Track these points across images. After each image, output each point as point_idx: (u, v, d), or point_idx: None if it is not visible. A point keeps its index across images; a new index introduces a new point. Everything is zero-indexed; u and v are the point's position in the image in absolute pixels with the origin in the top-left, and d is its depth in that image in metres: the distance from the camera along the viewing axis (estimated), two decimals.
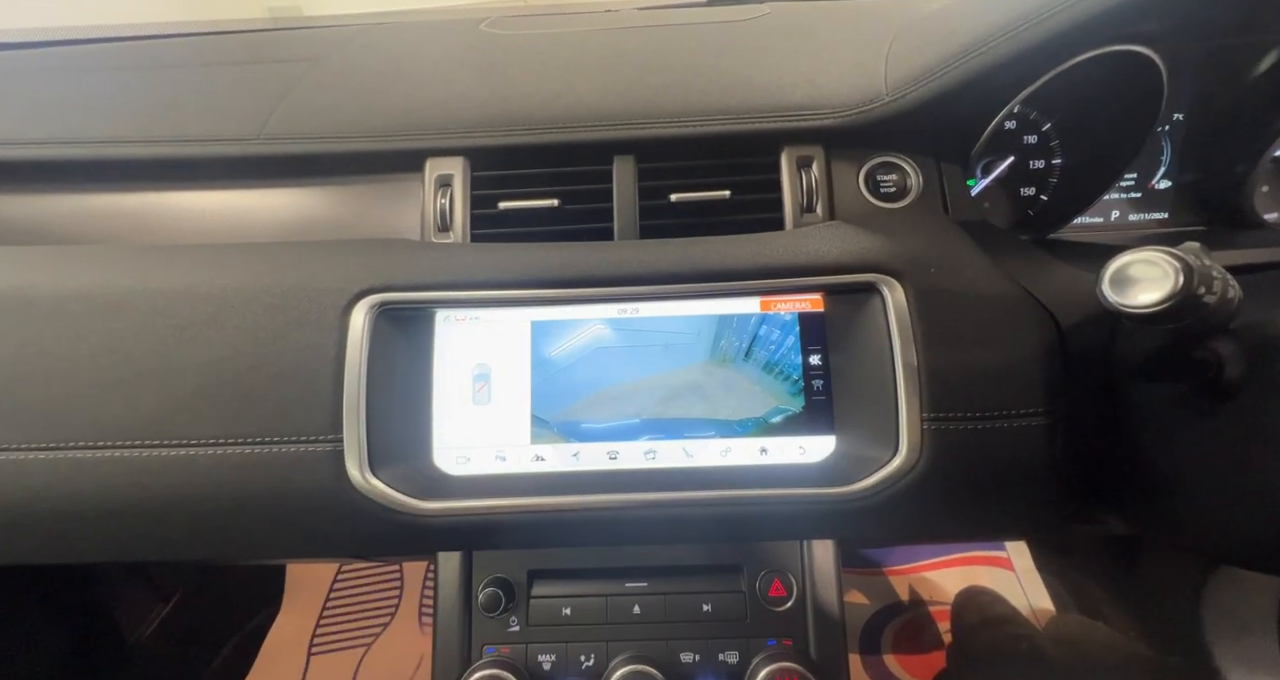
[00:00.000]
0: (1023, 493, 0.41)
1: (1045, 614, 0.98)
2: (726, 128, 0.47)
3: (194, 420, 0.41)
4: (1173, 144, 0.54)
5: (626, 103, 0.48)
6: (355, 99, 0.52)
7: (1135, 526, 0.45)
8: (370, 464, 0.40)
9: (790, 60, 0.51)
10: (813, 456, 0.42)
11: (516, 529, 0.43)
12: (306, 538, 0.43)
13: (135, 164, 0.50)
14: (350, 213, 0.50)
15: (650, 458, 0.43)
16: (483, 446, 0.43)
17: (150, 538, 0.43)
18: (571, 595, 0.45)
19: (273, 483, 0.41)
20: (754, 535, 0.45)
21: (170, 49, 0.67)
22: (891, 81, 0.46)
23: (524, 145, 0.48)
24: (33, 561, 0.45)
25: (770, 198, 0.47)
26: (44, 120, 0.52)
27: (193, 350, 0.41)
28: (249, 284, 0.42)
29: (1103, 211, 0.56)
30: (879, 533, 0.43)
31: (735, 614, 0.44)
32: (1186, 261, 0.28)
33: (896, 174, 0.48)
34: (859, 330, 0.43)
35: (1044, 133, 0.53)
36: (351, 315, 0.42)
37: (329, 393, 0.41)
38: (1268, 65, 0.50)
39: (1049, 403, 0.40)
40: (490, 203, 0.48)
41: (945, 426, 0.40)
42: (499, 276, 0.43)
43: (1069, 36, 0.40)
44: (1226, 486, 0.34)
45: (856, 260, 0.42)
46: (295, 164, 0.50)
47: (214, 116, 0.51)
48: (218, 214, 0.51)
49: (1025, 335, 0.40)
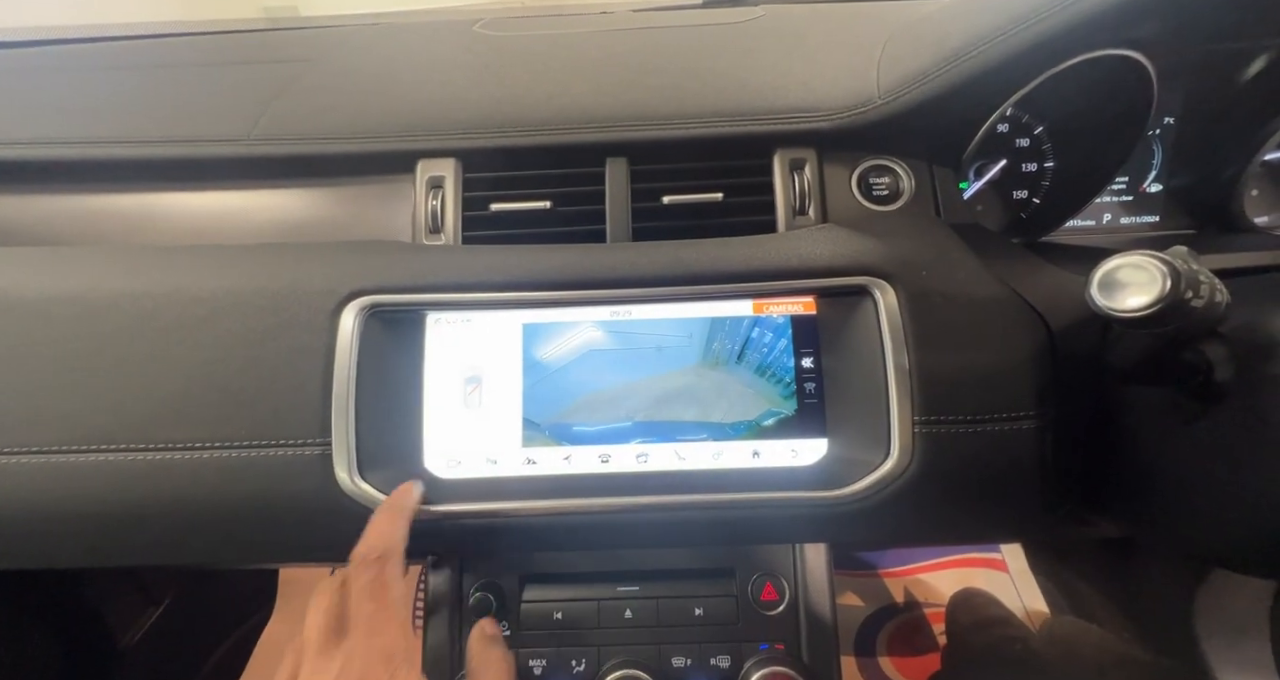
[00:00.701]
0: (1014, 495, 0.41)
1: (1040, 616, 0.98)
2: (719, 130, 0.47)
3: (182, 423, 0.40)
4: (1164, 148, 0.54)
5: (619, 105, 0.48)
6: (347, 100, 0.52)
7: (1126, 529, 0.45)
8: (359, 467, 0.40)
9: (783, 63, 0.51)
10: (805, 459, 0.42)
11: (508, 533, 0.42)
12: (295, 542, 0.43)
13: (126, 164, 0.49)
14: (341, 214, 0.50)
15: (642, 461, 0.43)
16: (473, 450, 0.43)
17: (137, 543, 0.42)
18: (563, 599, 0.44)
19: (261, 486, 0.40)
20: (746, 539, 0.45)
21: (163, 49, 0.67)
22: (884, 85, 0.46)
23: (516, 147, 0.48)
24: (18, 567, 0.45)
25: (763, 200, 0.47)
26: (34, 120, 0.52)
27: (181, 353, 0.41)
28: (239, 286, 0.42)
29: (1094, 214, 0.56)
30: (871, 536, 0.43)
31: (727, 618, 0.44)
32: (1174, 266, 0.28)
33: (889, 177, 0.48)
34: (851, 333, 0.42)
35: (1036, 136, 0.54)
36: (341, 317, 0.41)
37: (318, 395, 0.40)
38: (1256, 70, 0.50)
39: (1040, 405, 0.40)
40: (482, 204, 0.48)
41: (937, 429, 0.40)
42: (490, 278, 0.42)
43: (1060, 41, 0.40)
44: (1216, 489, 0.34)
45: (849, 263, 0.42)
46: (287, 165, 0.49)
47: (206, 117, 0.51)
48: (209, 215, 0.50)
49: (1016, 338, 0.41)
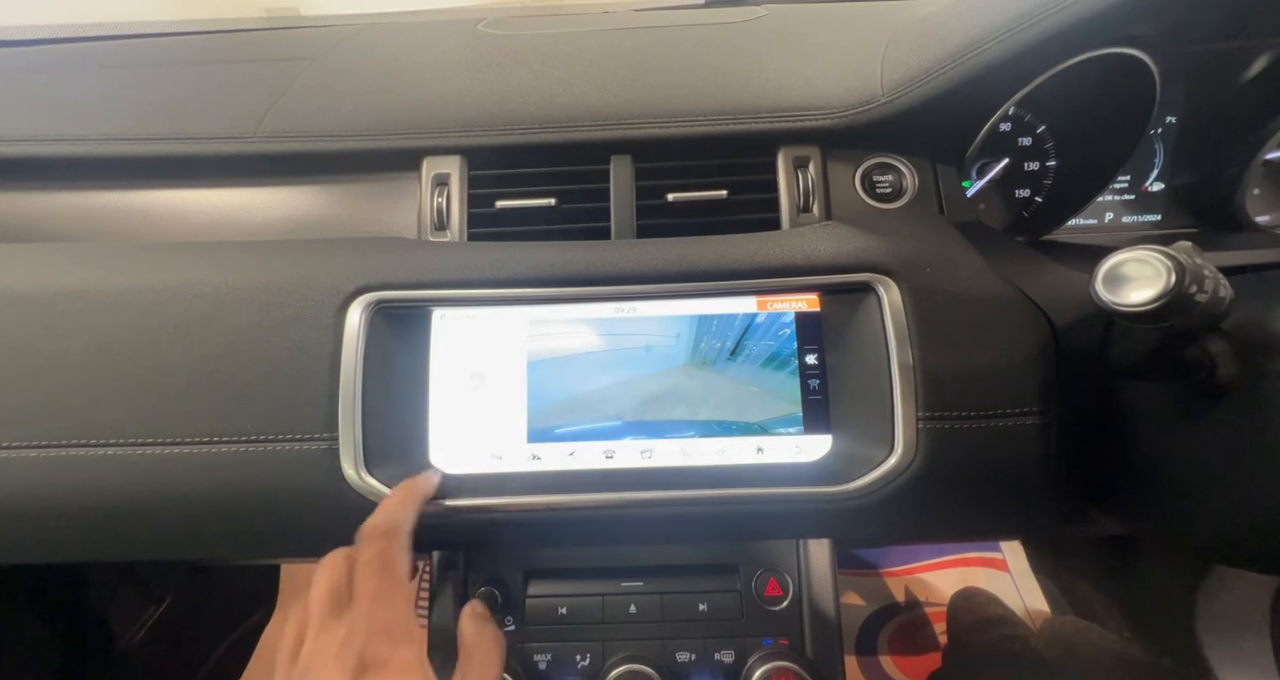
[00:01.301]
0: (1018, 491, 0.42)
1: (1040, 615, 0.98)
2: (723, 128, 0.47)
3: (188, 418, 0.41)
4: (1166, 147, 0.55)
5: (624, 102, 0.48)
6: (352, 98, 0.52)
7: (1129, 525, 0.45)
8: (366, 462, 0.40)
9: (786, 62, 0.51)
10: (809, 455, 0.43)
11: (512, 528, 0.43)
12: (301, 537, 0.43)
13: (132, 162, 0.50)
14: (347, 211, 0.50)
15: (646, 457, 0.43)
16: (479, 445, 0.43)
17: (142, 537, 0.42)
18: (567, 595, 0.44)
19: (267, 481, 0.40)
20: (750, 534, 0.45)
21: (167, 47, 0.67)
22: (887, 83, 0.46)
23: (521, 144, 0.48)
24: (23, 561, 0.45)
25: (767, 198, 0.48)
26: (40, 117, 0.52)
27: (187, 348, 0.41)
28: (244, 282, 0.42)
29: (1097, 213, 0.56)
30: (875, 532, 0.43)
31: (731, 613, 0.44)
32: (1179, 260, 0.28)
33: (892, 175, 0.48)
34: (855, 329, 0.43)
35: (1038, 135, 0.54)
36: (347, 313, 0.41)
37: (324, 391, 0.40)
38: (1258, 69, 0.51)
39: (1043, 402, 0.40)
40: (487, 201, 0.48)
41: (940, 426, 0.40)
42: (495, 275, 0.43)
43: (1062, 39, 0.40)
44: (1219, 484, 0.34)
45: (852, 260, 0.42)
46: (292, 162, 0.49)
47: (211, 115, 0.51)
48: (214, 212, 0.51)
49: (1020, 335, 0.41)
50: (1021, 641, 0.69)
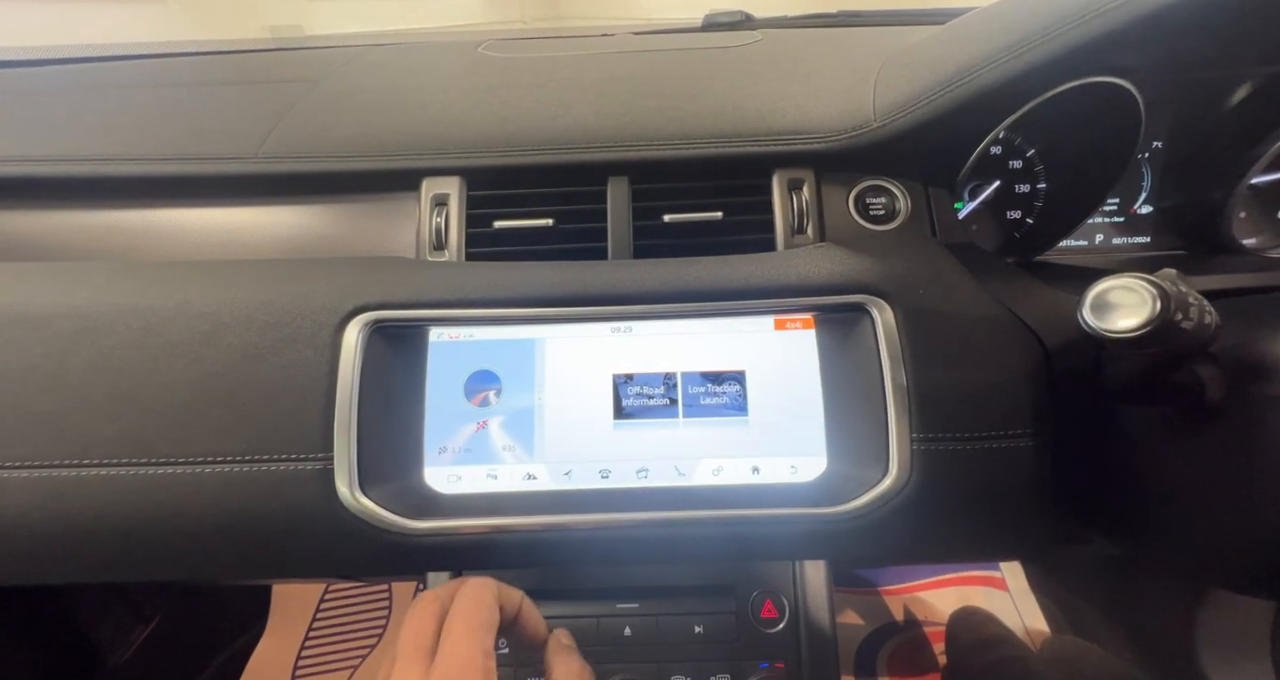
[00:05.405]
0: (1012, 512, 0.42)
1: (1040, 635, 0.97)
2: (719, 151, 0.48)
3: (183, 438, 0.40)
4: (1153, 171, 0.56)
5: (621, 125, 0.49)
6: (353, 119, 0.53)
7: (1123, 547, 0.45)
8: (360, 482, 0.40)
9: (782, 86, 0.52)
10: (804, 476, 0.43)
11: (507, 548, 0.42)
12: (294, 557, 0.42)
13: (133, 181, 0.50)
14: (346, 231, 0.50)
15: (642, 476, 0.43)
16: (474, 465, 0.43)
17: (135, 558, 0.42)
18: (562, 616, 0.44)
19: (261, 501, 0.40)
20: (745, 555, 0.44)
21: (170, 68, 0.68)
22: (880, 108, 0.47)
23: (520, 165, 0.48)
24: (13, 582, 0.44)
25: (762, 219, 0.48)
26: (43, 137, 0.52)
27: (184, 367, 0.41)
28: (242, 301, 0.43)
29: (1087, 235, 0.57)
30: (870, 552, 0.43)
31: (727, 635, 0.43)
32: (1163, 288, 0.29)
33: (885, 197, 0.49)
34: (849, 351, 0.43)
35: (1029, 158, 0.55)
36: (345, 333, 0.42)
37: (320, 410, 0.41)
38: (1241, 97, 0.52)
39: (1036, 423, 0.40)
40: (485, 222, 0.48)
41: (935, 447, 0.40)
42: (493, 295, 0.43)
43: (1049, 69, 0.41)
44: (1211, 508, 0.34)
45: (846, 281, 0.43)
46: (293, 182, 0.50)
47: (213, 135, 0.52)
48: (215, 231, 0.51)
49: (1012, 356, 0.41)
50: (1022, 662, 0.68)
